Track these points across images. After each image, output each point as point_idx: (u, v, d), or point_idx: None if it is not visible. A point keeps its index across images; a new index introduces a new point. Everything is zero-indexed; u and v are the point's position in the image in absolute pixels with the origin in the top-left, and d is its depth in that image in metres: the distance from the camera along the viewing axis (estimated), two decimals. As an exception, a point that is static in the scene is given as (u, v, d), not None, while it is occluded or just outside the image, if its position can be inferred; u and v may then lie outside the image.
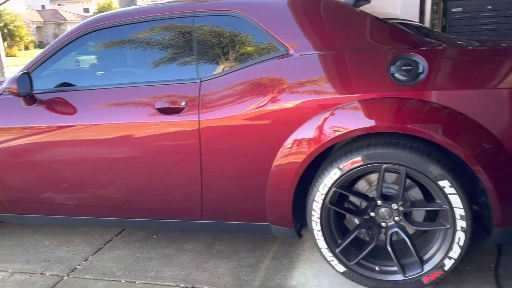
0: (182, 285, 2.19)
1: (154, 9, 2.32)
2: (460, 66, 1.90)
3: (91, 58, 2.70)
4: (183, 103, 2.11)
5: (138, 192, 2.30)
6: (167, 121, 2.14)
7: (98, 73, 2.55)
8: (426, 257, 1.94)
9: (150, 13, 2.30)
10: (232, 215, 2.25)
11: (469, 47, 2.05)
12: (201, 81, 2.13)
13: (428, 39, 2.04)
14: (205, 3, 2.26)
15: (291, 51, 2.02)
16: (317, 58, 1.98)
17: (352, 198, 2.08)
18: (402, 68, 1.85)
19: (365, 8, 2.27)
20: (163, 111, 2.15)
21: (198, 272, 2.31)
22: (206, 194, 2.20)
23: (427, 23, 3.94)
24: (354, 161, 1.89)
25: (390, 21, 2.10)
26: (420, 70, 1.84)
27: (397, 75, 1.86)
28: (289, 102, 1.97)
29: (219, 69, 2.16)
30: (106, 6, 42.35)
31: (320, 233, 2.03)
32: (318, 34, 2.03)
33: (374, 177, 2.03)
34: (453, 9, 4.10)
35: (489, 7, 4.02)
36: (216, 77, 2.12)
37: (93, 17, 2.46)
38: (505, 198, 1.78)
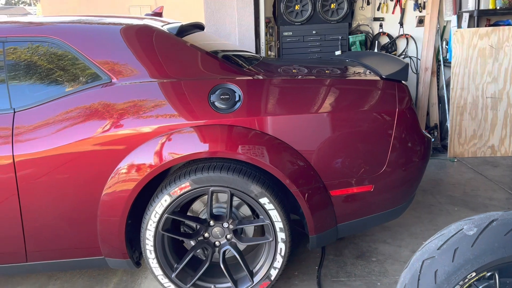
0: None
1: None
2: (273, 94, 2.09)
3: None
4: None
5: None
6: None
7: None
8: (255, 270, 2.09)
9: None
10: (62, 253, 2.11)
11: (282, 77, 2.26)
12: (14, 112, 1.96)
13: (250, 68, 2.21)
14: (17, 28, 2.09)
15: (114, 80, 1.99)
16: (140, 86, 1.99)
17: (187, 221, 2.13)
18: (221, 97, 1.97)
19: (198, 36, 2.37)
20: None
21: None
22: (29, 235, 2.02)
23: (263, 46, 4.27)
24: (182, 187, 1.95)
25: (219, 53, 2.22)
26: (237, 99, 1.99)
27: (217, 103, 1.97)
28: (116, 130, 1.94)
29: (35, 98, 2.01)
30: None
31: (155, 260, 2.03)
32: (144, 64, 2.03)
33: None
34: (284, 33, 4.53)
35: (314, 31, 4.55)
36: (31, 107, 1.97)
37: None
38: (314, 209, 2.02)
